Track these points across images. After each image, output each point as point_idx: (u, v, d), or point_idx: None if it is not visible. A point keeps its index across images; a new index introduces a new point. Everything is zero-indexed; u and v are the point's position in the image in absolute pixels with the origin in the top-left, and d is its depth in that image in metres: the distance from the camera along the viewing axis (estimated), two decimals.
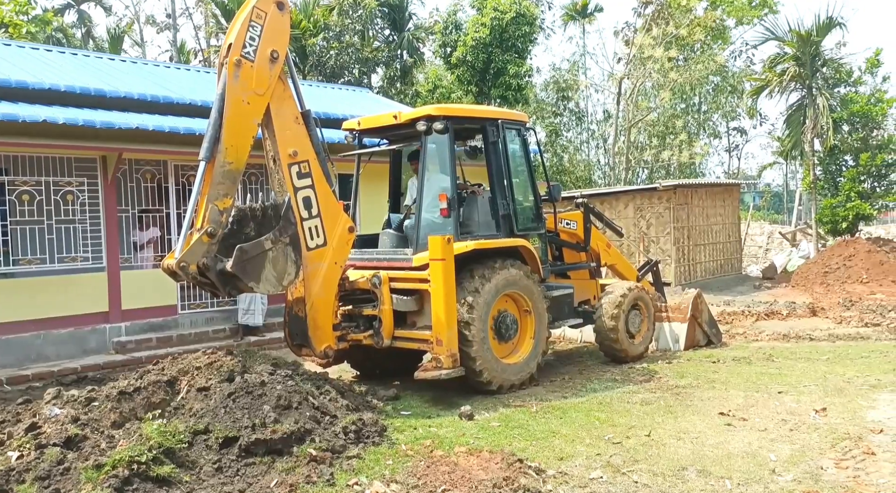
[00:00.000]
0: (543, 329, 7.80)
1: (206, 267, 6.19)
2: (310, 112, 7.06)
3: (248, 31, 6.48)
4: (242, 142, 6.45)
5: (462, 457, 5.13)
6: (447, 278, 6.81)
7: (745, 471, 4.75)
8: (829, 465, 4.82)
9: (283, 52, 6.71)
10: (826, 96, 19.57)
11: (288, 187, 6.82)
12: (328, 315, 6.99)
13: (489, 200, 7.89)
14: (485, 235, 7.63)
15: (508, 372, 7.40)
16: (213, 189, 6.28)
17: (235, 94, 6.40)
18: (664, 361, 8.79)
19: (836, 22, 19.40)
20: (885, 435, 5.36)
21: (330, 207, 7.00)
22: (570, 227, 9.37)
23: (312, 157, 6.95)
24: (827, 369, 7.97)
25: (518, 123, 8.31)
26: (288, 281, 6.53)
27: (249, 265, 6.19)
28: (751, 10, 26.17)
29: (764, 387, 7.17)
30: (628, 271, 10.33)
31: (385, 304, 7.19)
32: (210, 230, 6.16)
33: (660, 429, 5.81)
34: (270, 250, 6.33)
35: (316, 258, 6.87)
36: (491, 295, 7.25)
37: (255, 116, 6.59)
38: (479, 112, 8.34)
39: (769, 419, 5.99)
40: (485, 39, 21.31)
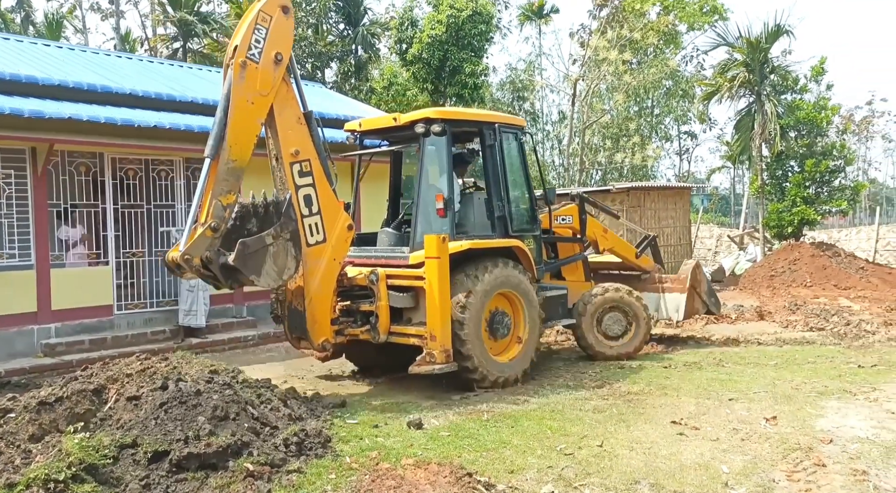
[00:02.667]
0: (536, 328, 8.01)
1: (209, 260, 6.44)
2: (312, 113, 7.26)
3: (253, 34, 6.67)
4: (246, 140, 6.66)
5: (409, 470, 4.90)
6: (441, 275, 7.03)
7: (698, 484, 4.64)
8: (780, 477, 4.75)
9: (287, 54, 6.91)
10: (774, 103, 19.98)
11: (289, 185, 7.02)
12: (326, 310, 7.21)
13: (485, 202, 8.12)
14: (480, 235, 7.86)
15: (501, 369, 7.59)
16: (217, 185, 6.54)
17: (240, 94, 6.60)
18: (616, 366, 8.72)
19: (784, 30, 19.82)
20: (834, 445, 5.33)
21: (330, 205, 7.22)
22: (566, 222, 9.61)
23: (314, 156, 7.14)
24: (775, 374, 8.00)
25: (515, 127, 8.52)
26: (288, 275, 6.77)
27: (250, 259, 6.43)
28: (702, 16, 26.58)
29: (715, 394, 7.14)
30: (626, 251, 10.49)
31: (382, 300, 7.36)
32: (213, 225, 6.42)
33: (612, 439, 5.69)
34: (271, 245, 6.56)
35: (315, 254, 7.10)
36: (484, 294, 7.46)
37: (259, 116, 6.79)
38: (477, 116, 8.61)
39: (721, 427, 5.92)
40: (441, 37, 21.08)
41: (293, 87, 7.14)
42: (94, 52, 14.56)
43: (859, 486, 4.51)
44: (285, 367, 9.15)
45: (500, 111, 31.08)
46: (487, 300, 7.52)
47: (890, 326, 10.95)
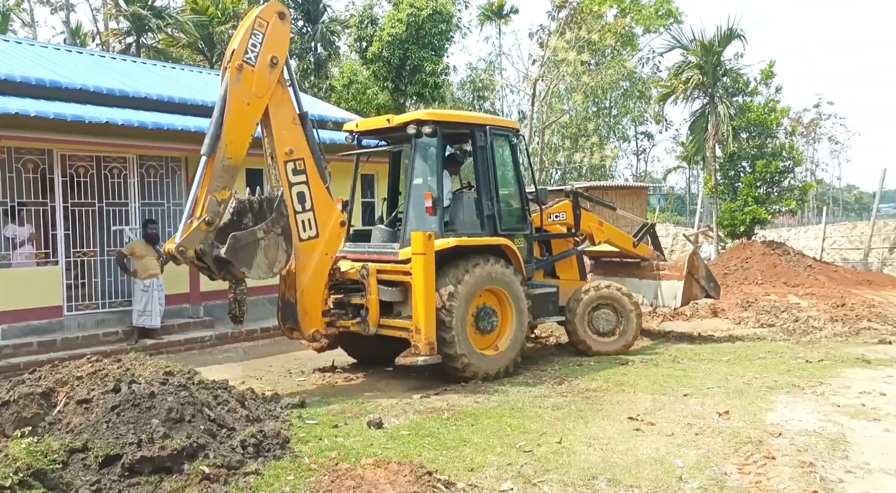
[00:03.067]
0: (523, 324, 8.26)
1: (202, 252, 6.81)
2: (307, 114, 7.60)
3: (250, 39, 7.04)
4: (242, 140, 7.00)
5: (369, 470, 4.87)
6: (427, 271, 7.32)
7: (654, 479, 4.73)
8: (732, 470, 4.86)
9: (283, 58, 7.26)
10: (726, 105, 20.44)
11: (283, 183, 7.34)
12: (317, 302, 7.54)
13: (475, 201, 8.34)
14: (469, 233, 8.11)
15: (487, 363, 7.87)
16: (212, 182, 6.88)
17: (236, 95, 6.96)
18: (575, 363, 8.82)
19: (737, 34, 20.31)
20: (783, 438, 5.49)
21: (323, 202, 7.54)
22: (560, 219, 9.83)
23: (308, 155, 7.47)
24: (728, 370, 8.20)
25: (507, 129, 8.76)
26: (278, 268, 7.14)
27: (242, 252, 6.83)
28: (657, 18, 27.10)
29: (670, 389, 7.28)
30: (623, 241, 10.67)
31: (372, 294, 7.72)
32: (208, 219, 6.78)
33: (571, 435, 5.75)
34: (262, 239, 6.95)
35: (308, 249, 7.44)
36: (470, 290, 7.73)
37: (255, 117, 7.12)
38: (468, 118, 8.86)
39: (676, 423, 6.04)
40: (401, 35, 21.03)
41: (289, 89, 7.44)
42: (42, 45, 14.11)
43: (806, 478, 4.65)
44: (243, 367, 9.02)
45: (460, 110, 31.20)
46: (474, 296, 7.80)
47: (836, 322, 11.32)
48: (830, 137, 52.52)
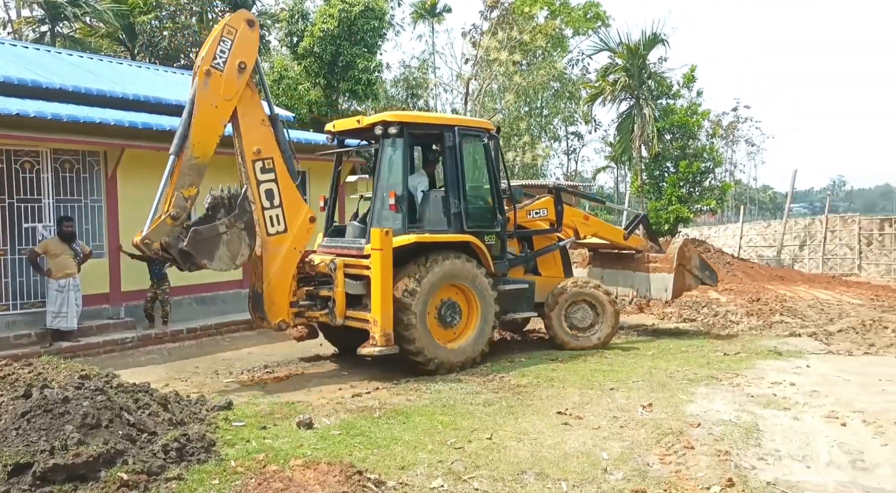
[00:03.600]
0: (489, 319, 8.51)
1: (168, 245, 7.30)
2: (277, 116, 8.09)
3: (218, 45, 7.50)
4: (209, 140, 7.46)
5: (298, 471, 4.79)
6: (384, 266, 7.65)
7: (580, 471, 4.83)
8: (654, 461, 5.03)
9: (251, 63, 7.71)
10: (651, 107, 21.09)
11: (251, 180, 7.74)
12: (284, 293, 7.93)
13: (442, 199, 8.55)
14: (436, 230, 8.35)
15: (449, 355, 8.16)
16: (180, 179, 7.32)
17: (204, 99, 7.42)
18: (507, 359, 8.93)
19: (660, 38, 20.99)
20: (702, 429, 5.71)
21: (292, 198, 7.95)
22: (541, 215, 9.84)
23: (277, 155, 7.87)
24: (652, 364, 8.47)
25: (479, 130, 8.97)
26: (241, 261, 7.69)
27: (203, 245, 7.33)
28: (586, 21, 27.71)
29: (597, 384, 7.46)
30: (612, 234, 10.72)
31: (338, 287, 8.07)
32: (174, 214, 7.24)
33: (501, 431, 5.82)
34: (225, 233, 7.46)
35: (276, 243, 7.85)
36: (431, 284, 8.01)
37: (223, 118, 7.57)
38: (436, 119, 9.25)
39: (602, 416, 6.20)
40: (333, 31, 20.76)
41: (258, 92, 7.91)
42: None
43: (722, 466, 4.85)
44: (167, 370, 8.72)
45: (394, 108, 31.08)
46: (435, 291, 8.09)
47: (751, 316, 11.85)
48: (747, 140, 55.02)
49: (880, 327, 10.82)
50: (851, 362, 8.48)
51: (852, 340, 9.85)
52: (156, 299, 10.70)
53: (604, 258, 11.36)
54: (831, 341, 9.84)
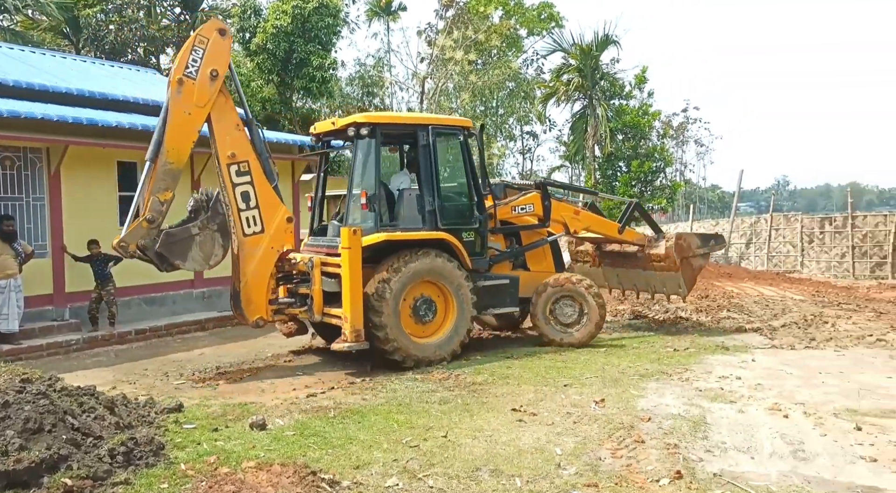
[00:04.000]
0: (465, 314, 8.63)
1: (144, 247, 7.65)
2: (253, 120, 8.42)
3: (190, 55, 7.77)
4: (183, 146, 7.75)
5: (250, 473, 4.73)
6: (353, 263, 7.87)
7: (534, 467, 4.88)
8: (606, 455, 5.11)
9: (223, 70, 7.94)
10: (604, 107, 21.42)
11: (226, 183, 7.97)
12: (261, 291, 8.16)
13: (417, 198, 8.68)
14: (410, 228, 8.52)
15: (424, 350, 8.33)
16: (155, 184, 7.60)
17: (178, 106, 7.70)
18: (463, 357, 8.96)
19: (612, 39, 21.33)
20: (652, 423, 5.83)
21: (268, 200, 8.18)
22: (527, 211, 9.86)
23: (252, 158, 8.12)
24: (605, 360, 8.61)
25: (454, 128, 9.09)
26: (215, 261, 8.01)
27: (175, 246, 7.70)
28: (540, 22, 27.97)
29: (552, 380, 7.55)
30: (606, 228, 10.64)
31: (316, 284, 8.26)
32: (149, 218, 7.56)
33: (456, 429, 5.84)
34: (198, 234, 7.82)
35: (253, 243, 8.09)
36: (403, 281, 8.18)
37: (196, 125, 7.82)
38: (408, 119, 9.40)
39: (556, 412, 6.27)
40: (286, 28, 20.49)
41: (231, 97, 8.17)
42: None
43: (671, 458, 4.97)
44: (115, 372, 8.49)
45: (350, 106, 30.85)
46: (408, 288, 8.26)
47: (700, 312, 12.16)
48: (697, 140, 56.36)
49: (820, 321, 11.23)
50: (794, 355, 8.77)
51: (794, 334, 10.20)
52: (101, 301, 10.42)
53: (613, 257, 11.21)
54: (775, 335, 10.16)
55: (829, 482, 4.51)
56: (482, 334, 10.82)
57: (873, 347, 9.25)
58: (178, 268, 7.99)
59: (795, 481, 4.54)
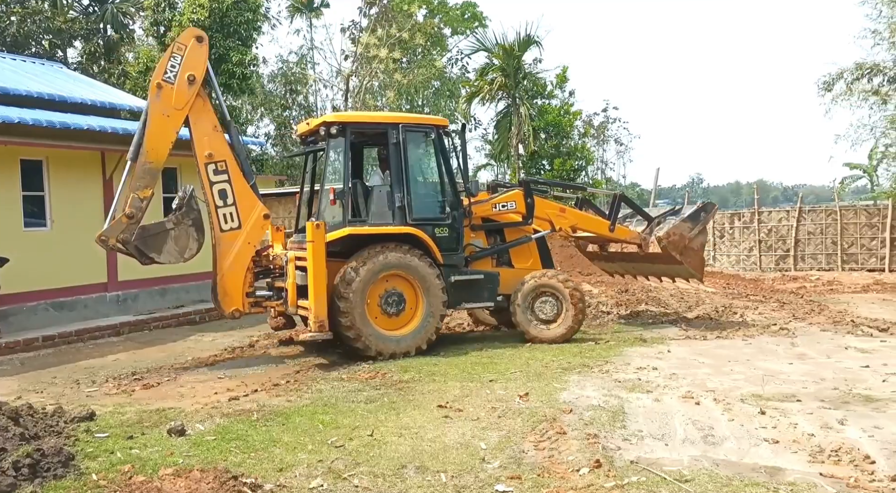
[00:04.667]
0: (434, 308, 8.85)
1: (125, 241, 8.16)
2: (232, 122, 8.93)
3: (169, 61, 8.33)
4: (162, 146, 8.24)
5: (168, 480, 4.58)
6: (316, 257, 8.22)
7: (459, 463, 4.93)
8: (529, 448, 5.21)
9: (200, 75, 8.43)
10: (527, 106, 21.78)
11: (204, 181, 8.46)
12: (237, 285, 8.56)
13: (387, 194, 8.96)
14: (380, 223, 8.86)
15: (390, 343, 8.62)
16: (135, 182, 8.12)
17: (156, 109, 8.25)
18: (438, 349, 8.99)
19: (534, 40, 21.72)
20: (573, 415, 5.98)
21: (246, 197, 8.60)
22: (508, 208, 9.96)
23: (230, 157, 8.59)
24: (529, 355, 8.77)
25: (427, 126, 9.38)
26: (189, 255, 8.47)
27: (150, 240, 8.18)
28: (464, 21, 28.19)
29: (477, 376, 7.63)
30: (596, 226, 10.60)
31: (290, 278, 8.61)
32: (129, 213, 8.06)
33: (382, 427, 5.83)
34: (172, 229, 8.29)
35: (229, 239, 8.53)
36: (368, 275, 8.51)
37: (174, 126, 8.33)
38: (378, 118, 9.86)
39: (481, 407, 6.35)
40: (203, 22, 19.83)
41: (209, 101, 8.63)
42: None
43: (591, 448, 5.11)
44: (20, 381, 8.05)
45: (272, 104, 30.21)
46: (374, 281, 8.58)
47: (620, 306, 12.55)
48: (616, 139, 57.99)
49: (730, 312, 11.81)
50: (706, 345, 9.19)
51: (707, 325, 10.69)
52: None
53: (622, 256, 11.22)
54: (689, 327, 10.61)
55: (735, 464, 4.76)
56: (478, 328, 11.05)
57: (777, 335, 9.80)
58: (155, 261, 8.43)
59: (705, 464, 4.76)
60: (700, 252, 10.35)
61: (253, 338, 10.70)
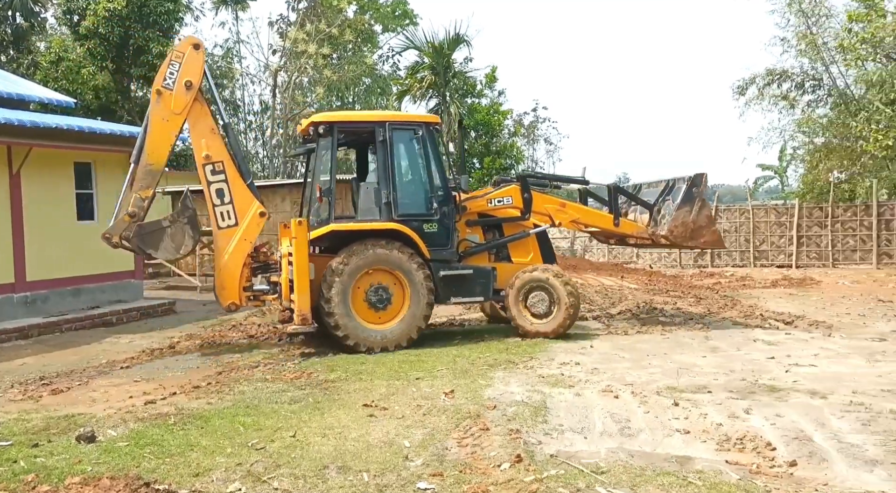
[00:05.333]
0: (419, 303, 9.00)
1: (128, 238, 8.74)
2: (229, 124, 9.40)
3: (168, 68, 8.84)
4: (161, 149, 8.78)
5: (74, 489, 4.40)
6: (299, 253, 8.58)
7: (382, 461, 4.92)
8: (453, 444, 5.25)
9: (197, 81, 8.93)
10: (457, 105, 21.92)
11: (202, 181, 8.93)
12: (234, 279, 8.97)
13: (374, 191, 9.19)
14: (367, 220, 9.11)
15: (374, 336, 8.85)
16: (137, 183, 8.67)
17: (157, 114, 8.78)
18: (316, 355, 8.86)
19: (463, 39, 21.86)
20: (497, 411, 6.06)
21: (242, 196, 9.01)
22: (504, 203, 9.99)
23: (227, 159, 9.01)
24: (457, 352, 8.83)
25: (415, 124, 9.50)
26: (185, 251, 9.06)
27: (148, 238, 8.70)
28: (394, 18, 28.08)
29: (404, 374, 7.63)
30: (599, 220, 10.51)
31: (283, 273, 9.04)
32: (132, 212, 8.62)
33: (306, 428, 5.75)
34: (168, 227, 8.79)
35: (226, 236, 8.97)
36: (352, 269, 8.78)
37: (173, 130, 8.84)
38: (365, 116, 10.08)
39: (407, 405, 6.35)
40: (120, 11, 19.09)
41: (206, 105, 9.06)
42: None
43: (513, 443, 5.19)
44: None
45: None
46: (359, 276, 8.85)
47: None
48: (546, 139, 59.08)
49: (651, 308, 12.21)
50: (627, 340, 9.48)
51: (628, 320, 11.02)
52: None
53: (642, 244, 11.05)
54: (612, 322, 10.91)
55: (649, 455, 4.93)
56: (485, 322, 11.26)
57: (692, 329, 10.19)
58: (154, 257, 9.13)
59: (621, 456, 4.91)
60: (710, 225, 10.06)
61: (174, 339, 10.37)
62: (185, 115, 8.88)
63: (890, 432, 5.20)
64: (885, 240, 19.72)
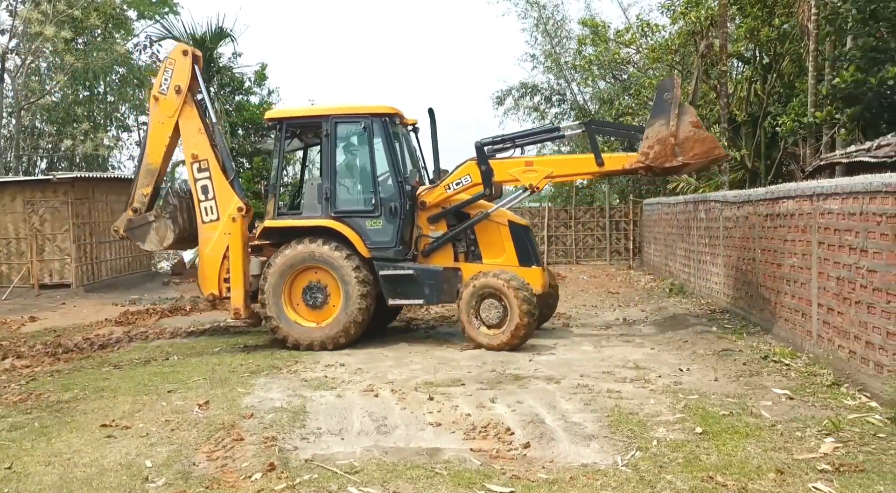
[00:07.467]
0: (351, 302, 8.76)
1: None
2: (214, 124, 9.76)
3: (163, 75, 9.57)
4: (159, 149, 9.65)
5: None
6: (234, 249, 9.14)
7: (116, 486, 4.49)
8: (202, 459, 4.95)
9: (185, 85, 9.45)
10: (222, 101, 20.94)
11: (189, 178, 9.52)
12: (214, 271, 9.32)
13: (318, 187, 9.18)
14: (311, 216, 9.14)
15: (305, 334, 8.86)
16: (139, 180, 9.75)
17: (155, 118, 9.67)
18: (48, 373, 7.88)
19: (227, 33, 20.95)
20: (254, 419, 5.84)
21: (224, 193, 9.37)
22: (463, 184, 9.04)
23: (211, 157, 9.42)
24: (217, 360, 8.40)
25: (361, 117, 9.02)
26: (167, 243, 9.73)
27: (137, 231, 9.67)
28: (152, 6, 26.00)
29: (154, 388, 7.09)
30: (576, 165, 9.43)
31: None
32: (135, 207, 9.69)
33: (27, 457, 5.09)
34: (154, 221, 9.61)
35: (209, 229, 9.40)
36: (283, 267, 8.91)
37: (168, 131, 9.56)
38: (309, 111, 10.14)
39: (153, 422, 5.88)
40: None
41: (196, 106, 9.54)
42: None
43: (268, 451, 5.03)
44: None
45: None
46: (291, 273, 8.93)
47: None
48: None
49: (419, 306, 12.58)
50: (392, 338, 9.68)
51: (400, 318, 11.27)
52: None
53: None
54: None
55: (402, 450, 5.07)
56: None
57: (455, 325, 10.70)
58: (143, 248, 10.00)
59: (376, 453, 4.99)
60: (697, 132, 8.24)
61: None
62: (177, 116, 9.44)
63: (605, 409, 5.90)
64: (615, 239, 22.45)
